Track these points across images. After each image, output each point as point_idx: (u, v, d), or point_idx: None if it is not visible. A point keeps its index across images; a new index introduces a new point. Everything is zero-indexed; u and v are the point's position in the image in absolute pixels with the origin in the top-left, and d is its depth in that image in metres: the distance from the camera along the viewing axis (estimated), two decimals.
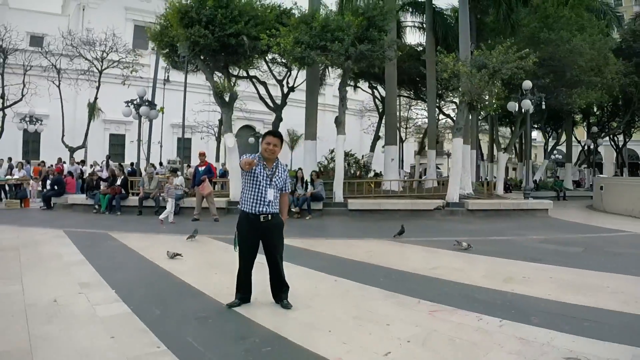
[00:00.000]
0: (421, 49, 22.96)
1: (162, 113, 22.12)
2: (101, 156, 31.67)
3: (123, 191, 13.48)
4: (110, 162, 20.51)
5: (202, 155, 13.05)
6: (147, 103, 16.23)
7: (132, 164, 22.27)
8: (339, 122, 13.30)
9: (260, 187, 4.44)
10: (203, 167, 12.29)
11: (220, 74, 15.92)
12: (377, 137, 23.37)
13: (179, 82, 28.46)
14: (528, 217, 13.59)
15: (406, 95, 28.75)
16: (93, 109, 26.71)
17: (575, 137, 36.29)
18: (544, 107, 17.65)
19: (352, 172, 17.73)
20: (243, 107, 26.21)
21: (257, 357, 3.41)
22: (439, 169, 38.74)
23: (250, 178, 4.46)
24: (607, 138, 34.49)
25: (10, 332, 3.82)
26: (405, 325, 4.08)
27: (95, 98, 23.76)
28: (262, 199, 4.43)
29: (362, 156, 21.18)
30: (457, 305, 4.66)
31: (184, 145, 23.37)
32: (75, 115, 30.23)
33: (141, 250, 7.72)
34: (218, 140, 27.38)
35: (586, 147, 32.72)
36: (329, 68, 17.84)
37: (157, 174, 17.09)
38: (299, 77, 18.31)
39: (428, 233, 10.42)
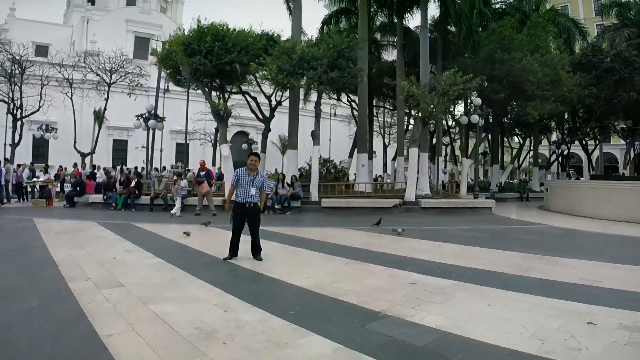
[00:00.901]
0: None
1: (164, 122, 25.16)
2: (105, 160, 34.69)
3: (137, 192, 16.55)
4: (124, 168, 23.31)
5: (202, 163, 16.21)
6: (155, 117, 19.21)
7: (136, 168, 25.12)
8: (315, 136, 16.49)
9: (246, 187, 7.48)
10: (204, 172, 15.42)
11: (216, 93, 19.02)
12: (354, 145, 26.51)
13: (178, 91, 31.62)
14: (473, 214, 16.69)
15: (382, 105, 31.78)
16: (99, 117, 29.77)
17: (549, 142, 39.76)
18: (490, 120, 20.68)
19: (330, 175, 20.77)
20: (237, 115, 29.25)
21: (239, 278, 6.49)
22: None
23: (240, 182, 7.50)
24: (579, 143, 37.92)
25: (97, 271, 6.84)
26: (326, 268, 7.15)
27: (104, 109, 26.61)
28: (248, 193, 7.48)
29: (340, 162, 24.22)
30: (366, 261, 7.72)
31: (186, 151, 26.29)
32: (81, 122, 33.18)
33: (161, 233, 10.82)
34: (214, 146, 30.33)
35: (560, 152, 36.09)
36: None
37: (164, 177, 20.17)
38: (286, 92, 21.41)
39: (387, 223, 13.49)
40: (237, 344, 3.88)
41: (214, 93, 19.34)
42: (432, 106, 16.13)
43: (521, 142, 36.97)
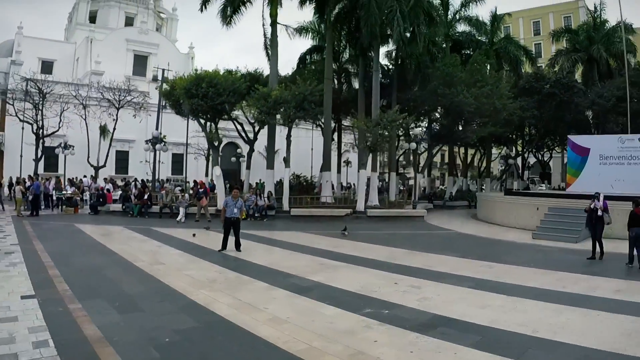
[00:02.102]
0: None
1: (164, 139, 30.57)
2: (109, 169, 39.70)
3: (149, 202, 21.98)
4: (138, 183, 28.41)
5: (201, 183, 21.71)
6: (160, 141, 24.61)
7: (143, 180, 30.29)
8: (286, 161, 22.04)
9: (231, 208, 12.93)
10: (202, 190, 20.90)
11: (210, 123, 24.49)
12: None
13: None
14: (407, 221, 22.18)
15: (350, 126, 36.99)
16: (104, 131, 35.02)
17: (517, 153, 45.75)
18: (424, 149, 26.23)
19: (301, 186, 26.15)
20: (227, 128, 34.34)
21: (227, 259, 11.95)
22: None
23: (228, 205, 12.97)
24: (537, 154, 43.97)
25: (146, 256, 12.25)
26: (277, 254, 12.67)
27: (114, 129, 31.87)
28: (232, 212, 12.93)
29: (312, 177, 29.73)
30: (302, 252, 13.20)
31: (185, 168, 31.61)
32: (88, 135, 38.37)
33: (174, 234, 16.26)
34: (207, 159, 35.61)
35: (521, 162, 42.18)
36: None
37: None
38: None
39: (333, 228, 18.90)
40: (224, 285, 9.33)
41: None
42: (377, 138, 21.70)
43: (481, 154, 42.67)
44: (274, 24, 24.30)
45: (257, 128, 26.16)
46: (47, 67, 48.96)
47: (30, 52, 46.46)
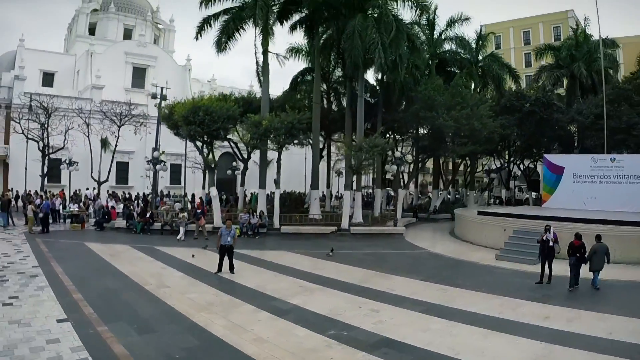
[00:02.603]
0: None
1: (163, 153, 32.84)
2: (110, 181, 41.84)
3: (151, 220, 24.23)
4: (140, 202, 30.65)
5: (199, 204, 23.98)
6: (160, 162, 26.85)
7: (145, 195, 32.55)
8: (277, 182, 24.33)
9: (225, 236, 15.21)
10: (199, 210, 23.17)
11: (206, 146, 26.78)
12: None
13: None
14: (388, 238, 24.38)
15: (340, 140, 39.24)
16: (105, 144, 37.21)
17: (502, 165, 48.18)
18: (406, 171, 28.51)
19: (291, 201, 28.43)
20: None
21: (222, 283, 14.21)
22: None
23: (222, 234, 15.24)
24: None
25: (153, 279, 14.51)
26: (264, 276, 14.93)
27: (115, 145, 34.11)
28: (226, 240, 15.20)
29: (305, 193, 32.01)
30: (285, 274, 15.47)
31: (184, 182, 33.83)
32: (90, 147, 40.47)
33: (175, 255, 18.52)
34: (204, 172, 37.78)
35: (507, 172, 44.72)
36: None
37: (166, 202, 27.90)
38: None
39: (318, 247, 21.16)
40: (219, 308, 11.60)
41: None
42: (361, 161, 24.02)
43: (467, 166, 45.01)
44: (265, 53, 26.54)
45: (250, 149, 28.44)
46: (48, 78, 51.21)
47: (32, 63, 48.59)
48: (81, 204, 27.94)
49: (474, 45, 40.62)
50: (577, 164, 30.57)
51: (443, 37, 38.75)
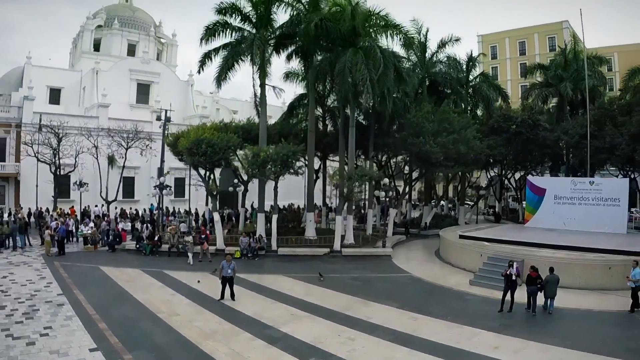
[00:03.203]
0: None
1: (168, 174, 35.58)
2: (118, 194, 44.41)
3: (159, 243, 26.90)
4: (148, 225, 33.08)
5: (203, 230, 26.63)
6: (166, 187, 29.52)
7: (152, 216, 35.13)
8: (273, 208, 26.98)
9: (226, 269, 17.82)
10: (203, 236, 25.84)
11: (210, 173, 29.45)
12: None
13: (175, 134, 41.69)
14: (376, 260, 26.73)
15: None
16: (112, 161, 39.89)
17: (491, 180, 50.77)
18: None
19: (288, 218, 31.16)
20: None
21: (224, 311, 16.81)
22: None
23: (223, 267, 17.86)
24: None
25: (164, 306, 17.11)
26: (261, 304, 17.54)
27: (123, 166, 36.83)
28: (227, 272, 17.81)
29: (303, 208, 34.61)
30: (279, 301, 18.06)
31: (189, 204, 36.52)
32: (100, 172, 42.87)
33: (183, 280, 21.15)
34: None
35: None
36: None
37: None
38: None
39: (311, 269, 23.64)
40: (222, 336, 14.21)
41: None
42: (351, 190, 26.65)
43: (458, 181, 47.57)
44: (262, 86, 29.15)
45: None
46: (54, 94, 53.99)
47: (39, 80, 51.36)
48: (91, 224, 30.49)
49: (465, 66, 43.05)
50: (558, 186, 33.08)
51: (434, 60, 41.28)
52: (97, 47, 59.67)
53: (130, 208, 41.20)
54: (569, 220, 31.21)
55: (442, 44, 41.11)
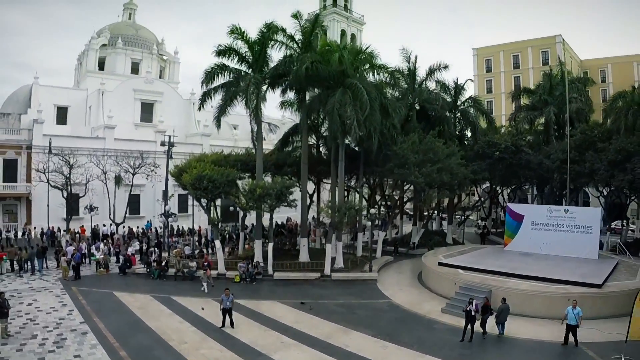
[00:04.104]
0: None
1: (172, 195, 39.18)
2: (124, 212, 47.95)
3: (166, 267, 30.48)
4: (156, 250, 36.59)
5: (206, 257, 30.16)
6: (172, 214, 33.07)
7: (156, 230, 38.64)
8: (268, 237, 30.52)
9: (225, 302, 21.35)
10: (206, 263, 29.37)
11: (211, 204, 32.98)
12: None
13: (179, 152, 45.22)
14: (362, 285, 29.94)
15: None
16: (119, 181, 43.53)
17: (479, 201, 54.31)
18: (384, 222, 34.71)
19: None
20: None
21: (225, 338, 20.29)
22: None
23: (223, 301, 21.38)
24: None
25: (174, 334, 20.62)
26: (255, 332, 21.04)
27: (130, 192, 40.49)
28: (226, 304, 21.33)
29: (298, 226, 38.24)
30: (272, 329, 21.55)
31: (192, 229, 40.09)
32: (109, 194, 46.23)
33: (188, 306, 24.67)
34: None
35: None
36: None
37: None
38: None
39: (303, 294, 27.09)
40: None
41: None
42: (339, 220, 30.19)
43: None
44: (258, 124, 32.65)
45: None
46: (61, 113, 57.60)
47: (46, 99, 55.05)
48: (102, 246, 34.12)
49: (453, 92, 46.51)
50: (535, 213, 36.48)
51: (423, 87, 44.75)
52: (101, 65, 63.21)
53: (137, 227, 44.80)
54: (545, 245, 34.59)
55: (431, 72, 44.68)
